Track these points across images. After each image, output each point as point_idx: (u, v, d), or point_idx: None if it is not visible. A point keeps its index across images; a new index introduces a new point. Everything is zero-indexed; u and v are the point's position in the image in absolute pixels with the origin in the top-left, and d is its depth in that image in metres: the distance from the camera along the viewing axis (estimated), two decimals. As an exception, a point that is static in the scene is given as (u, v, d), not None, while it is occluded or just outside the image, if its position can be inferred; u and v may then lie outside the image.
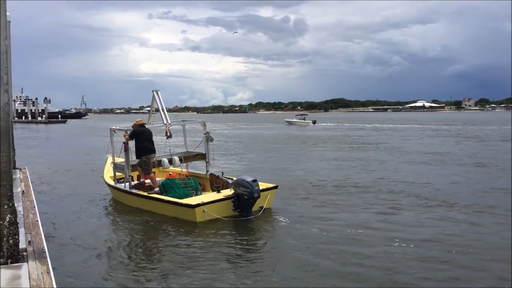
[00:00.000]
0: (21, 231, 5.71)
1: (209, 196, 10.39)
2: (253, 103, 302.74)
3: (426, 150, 25.99)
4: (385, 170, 17.67)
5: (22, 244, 5.33)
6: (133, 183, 11.45)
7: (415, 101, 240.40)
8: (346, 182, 14.63)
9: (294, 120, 72.76)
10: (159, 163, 11.65)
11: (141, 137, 11.10)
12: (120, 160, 11.67)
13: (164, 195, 10.53)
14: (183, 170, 12.87)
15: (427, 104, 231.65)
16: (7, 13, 5.09)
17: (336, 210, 10.75)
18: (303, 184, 14.32)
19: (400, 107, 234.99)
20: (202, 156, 12.55)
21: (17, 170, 12.83)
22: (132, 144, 11.24)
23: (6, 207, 4.98)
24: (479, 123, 64.87)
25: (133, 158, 11.46)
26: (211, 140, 12.37)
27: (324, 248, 7.87)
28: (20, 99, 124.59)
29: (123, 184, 11.43)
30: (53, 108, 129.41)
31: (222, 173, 11.80)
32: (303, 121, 69.99)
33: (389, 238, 8.38)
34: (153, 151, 11.26)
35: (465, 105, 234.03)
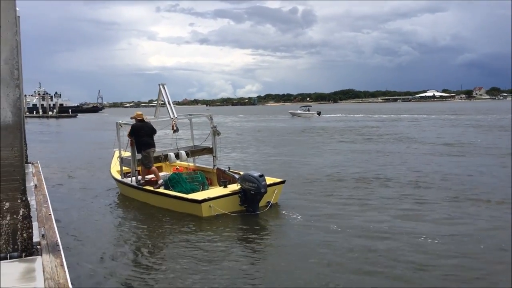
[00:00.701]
0: (35, 224, 5.76)
1: (215, 191, 10.31)
2: (262, 95, 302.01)
3: (444, 140, 25.73)
4: (400, 162, 17.57)
5: (36, 238, 5.38)
6: (139, 177, 11.39)
7: (425, 91, 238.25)
8: (359, 175, 14.33)
9: (298, 111, 72.30)
10: (166, 157, 11.62)
11: (141, 133, 10.99)
12: (126, 154, 11.67)
13: (171, 190, 10.49)
14: (190, 164, 12.83)
15: (437, 94, 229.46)
16: (17, 9, 5.11)
17: (349, 205, 10.47)
18: (313, 178, 14.06)
19: (410, 97, 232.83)
20: (209, 150, 12.44)
21: (30, 165, 12.94)
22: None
23: (19, 201, 5.02)
24: (495, 112, 63.73)
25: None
26: (218, 134, 12.25)
27: (337, 245, 7.63)
28: (39, 94, 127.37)
29: (130, 179, 11.41)
30: (71, 102, 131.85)
31: (229, 167, 11.70)
32: (307, 112, 69.74)
33: (411, 234, 8.12)
34: (152, 145, 11.10)
35: (476, 94, 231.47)
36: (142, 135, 10.99)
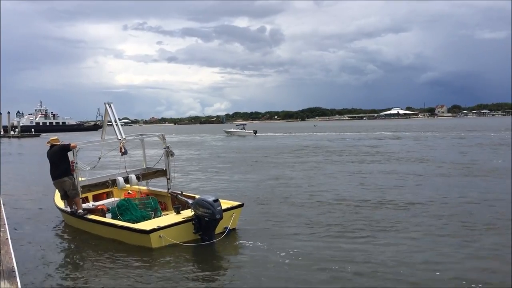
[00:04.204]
0: (-11, 250, 5.48)
1: (166, 219, 9.50)
2: (231, 113, 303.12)
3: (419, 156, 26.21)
4: (365, 179, 17.74)
5: (-10, 264, 5.11)
6: (84, 205, 10.33)
7: (390, 109, 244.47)
8: (325, 196, 13.76)
9: (233, 130, 71.48)
10: (114, 183, 10.70)
11: (50, 162, 10.16)
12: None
13: (119, 219, 9.65)
14: (143, 188, 11.91)
15: (402, 112, 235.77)
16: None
17: (315, 229, 9.87)
18: (274, 200, 13.37)
19: (376, 115, 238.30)
20: (162, 173, 11.57)
21: (-13, 186, 12.43)
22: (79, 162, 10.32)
23: (-28, 225, 4.76)
24: (477, 129, 65.34)
25: (83, 178, 10.60)
26: (172, 155, 11.44)
27: (301, 277, 7.07)
28: (41, 113, 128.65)
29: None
30: (72, 120, 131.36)
31: (181, 192, 11.09)
32: (243, 131, 68.67)
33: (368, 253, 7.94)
34: (56, 176, 10.00)
35: (438, 112, 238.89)
36: (50, 165, 10.15)
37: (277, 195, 14.24)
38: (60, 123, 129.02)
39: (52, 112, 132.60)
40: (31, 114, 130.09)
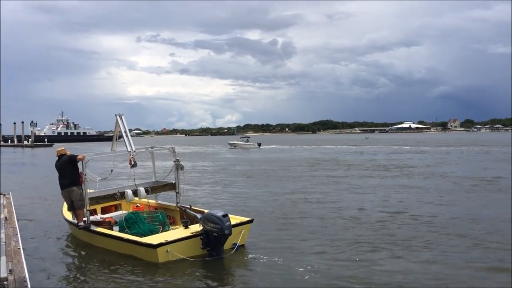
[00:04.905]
0: (3, 259, 5.55)
1: (174, 233, 9.37)
2: (242, 125, 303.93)
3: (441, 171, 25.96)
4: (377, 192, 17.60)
5: (3, 273, 5.16)
6: (92, 218, 10.26)
7: (401, 122, 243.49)
8: (339, 211, 13.54)
9: (237, 142, 71.39)
10: (122, 195, 10.56)
11: (58, 172, 10.26)
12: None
13: (127, 232, 9.54)
14: (151, 201, 11.80)
15: (414, 125, 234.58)
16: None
17: (328, 246, 9.61)
18: (286, 215, 13.13)
19: (387, 128, 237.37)
20: (171, 186, 11.43)
21: (1, 196, 12.59)
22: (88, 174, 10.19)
23: (-14, 234, 4.82)
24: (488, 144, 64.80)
25: (92, 190, 10.52)
26: (182, 168, 11.26)
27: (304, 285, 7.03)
28: (62, 123, 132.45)
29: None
30: (93, 130, 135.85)
31: (190, 206, 10.95)
32: (247, 143, 68.53)
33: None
34: (64, 185, 10.08)
35: (451, 126, 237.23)
36: (59, 175, 10.23)
37: (288, 210, 14.01)
38: (81, 133, 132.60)
39: (73, 122, 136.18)
40: (52, 124, 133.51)
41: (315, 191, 18.15)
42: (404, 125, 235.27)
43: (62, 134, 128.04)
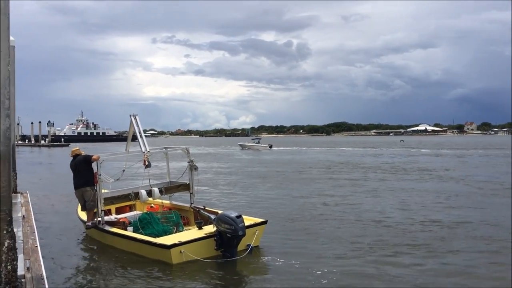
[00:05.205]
0: (20, 257, 5.64)
1: (188, 234, 9.38)
2: (256, 126, 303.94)
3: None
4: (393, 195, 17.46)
5: (20, 271, 5.25)
6: (106, 218, 10.39)
7: (417, 125, 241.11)
8: (358, 214, 13.41)
9: (248, 143, 71.42)
10: (137, 195, 10.66)
11: (73, 172, 10.39)
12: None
13: (141, 232, 9.60)
14: (165, 202, 11.88)
15: (429, 128, 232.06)
16: (11, 38, 5.14)
17: (347, 250, 9.51)
18: (301, 217, 13.12)
19: (402, 130, 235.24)
20: (185, 187, 11.48)
21: (18, 195, 12.79)
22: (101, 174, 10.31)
23: (5, 232, 4.92)
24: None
25: (106, 190, 10.66)
26: (196, 168, 11.28)
27: None
28: (82, 123, 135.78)
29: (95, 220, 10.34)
30: (111, 131, 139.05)
31: (204, 206, 11.00)
32: (258, 145, 68.50)
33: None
34: (78, 185, 10.21)
35: (467, 129, 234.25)
36: (74, 173, 10.36)
37: (304, 212, 13.94)
38: (100, 134, 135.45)
39: (93, 123, 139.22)
40: (72, 124, 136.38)
41: (333, 194, 17.97)
42: (419, 128, 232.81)
43: (82, 134, 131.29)
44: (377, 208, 14.48)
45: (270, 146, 66.39)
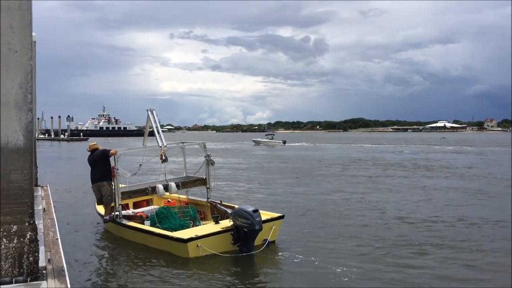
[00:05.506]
0: (41, 249, 5.74)
1: (205, 228, 9.38)
2: (272, 122, 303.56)
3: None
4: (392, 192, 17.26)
5: (42, 262, 5.35)
6: (124, 212, 10.42)
7: (435, 121, 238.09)
8: (379, 211, 13.24)
9: (262, 139, 71.40)
10: (154, 190, 10.75)
11: (91, 166, 10.48)
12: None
13: (158, 226, 9.64)
14: (182, 196, 11.89)
15: (448, 125, 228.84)
16: (33, 34, 5.22)
17: (368, 248, 9.39)
18: (319, 213, 13.06)
19: (421, 127, 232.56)
20: (202, 182, 11.51)
21: (39, 188, 13.01)
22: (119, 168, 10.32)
23: (27, 224, 5.02)
24: None
25: (124, 185, 10.64)
26: (212, 163, 11.31)
27: None
28: (104, 117, 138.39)
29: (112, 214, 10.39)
30: (132, 125, 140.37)
31: (221, 201, 11.02)
32: (272, 140, 68.40)
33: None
34: (95, 179, 10.28)
35: (487, 125, 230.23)
36: (92, 167, 10.45)
37: (323, 208, 13.83)
38: (122, 128, 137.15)
39: (114, 117, 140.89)
40: (94, 118, 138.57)
41: (353, 191, 17.74)
42: (438, 124, 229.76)
43: (104, 128, 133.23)
44: (400, 206, 14.28)
45: (284, 142, 66.49)
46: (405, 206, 14.17)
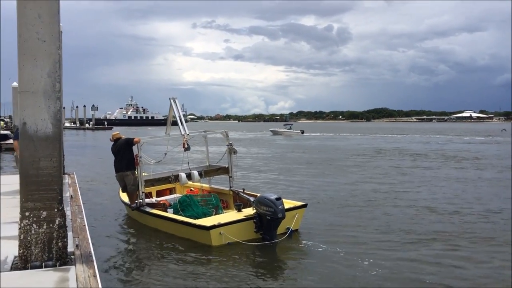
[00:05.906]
0: (69, 234, 5.88)
1: (228, 216, 9.41)
2: (294, 112, 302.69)
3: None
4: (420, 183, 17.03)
5: (70, 248, 5.48)
6: (147, 200, 10.54)
7: (461, 111, 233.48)
8: (404, 200, 13.17)
9: (279, 129, 71.24)
10: (177, 178, 10.79)
11: (114, 155, 10.53)
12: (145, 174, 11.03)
13: (181, 214, 9.71)
14: (205, 185, 11.95)
15: (474, 115, 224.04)
16: (60, 24, 5.29)
17: (385, 233, 9.44)
18: (340, 200, 13.15)
19: (446, 117, 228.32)
20: (224, 170, 11.52)
21: (66, 175, 13.28)
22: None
23: (56, 210, 5.14)
24: None
25: (146, 173, 10.76)
26: (235, 152, 11.30)
27: (367, 281, 6.78)
28: (132, 107, 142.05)
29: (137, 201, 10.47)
30: (160, 115, 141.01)
31: (243, 189, 11.00)
32: (290, 130, 68.24)
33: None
34: (119, 169, 10.34)
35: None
36: (115, 157, 10.50)
37: (349, 198, 13.69)
38: (149, 118, 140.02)
39: (142, 107, 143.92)
40: (122, 108, 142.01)
41: (381, 181, 17.47)
42: (464, 114, 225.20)
43: (132, 118, 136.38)
44: (431, 197, 13.98)
45: (302, 132, 66.35)
46: (437, 197, 13.87)
